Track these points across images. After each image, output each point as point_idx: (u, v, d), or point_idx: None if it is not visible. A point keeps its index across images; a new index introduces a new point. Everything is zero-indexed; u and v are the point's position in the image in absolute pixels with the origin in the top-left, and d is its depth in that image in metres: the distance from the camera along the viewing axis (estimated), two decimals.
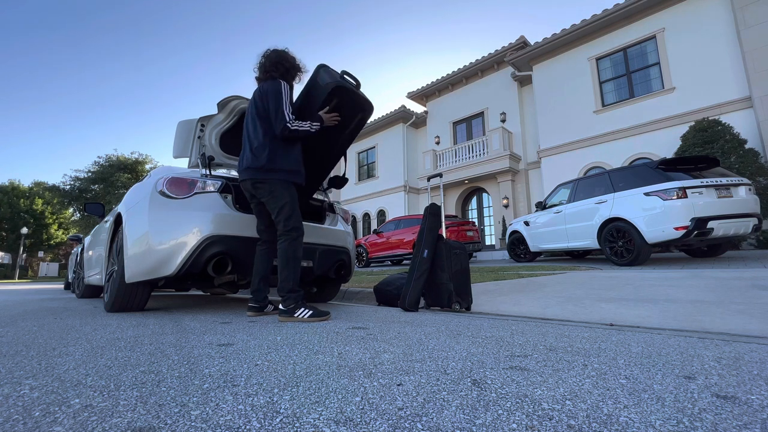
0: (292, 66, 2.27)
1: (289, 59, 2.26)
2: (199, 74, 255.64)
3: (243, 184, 2.22)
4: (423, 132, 16.31)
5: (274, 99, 2.10)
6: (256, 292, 2.28)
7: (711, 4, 8.64)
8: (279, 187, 2.11)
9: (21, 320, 2.29)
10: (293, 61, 2.28)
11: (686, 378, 0.92)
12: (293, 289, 2.08)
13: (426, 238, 2.55)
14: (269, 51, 2.27)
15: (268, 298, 2.36)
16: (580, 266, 5.20)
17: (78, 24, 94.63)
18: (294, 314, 2.02)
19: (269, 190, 2.12)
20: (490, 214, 13.64)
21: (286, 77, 2.24)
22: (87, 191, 22.98)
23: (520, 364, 1.07)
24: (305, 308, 2.04)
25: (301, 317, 2.01)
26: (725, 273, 3.26)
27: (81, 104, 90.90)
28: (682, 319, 1.82)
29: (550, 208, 6.61)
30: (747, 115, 7.96)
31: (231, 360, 1.17)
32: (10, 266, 27.56)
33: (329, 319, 2.05)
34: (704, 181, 4.68)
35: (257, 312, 2.27)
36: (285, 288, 2.07)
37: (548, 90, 11.22)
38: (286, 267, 2.08)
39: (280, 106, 2.08)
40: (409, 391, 0.86)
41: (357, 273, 6.53)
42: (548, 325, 1.78)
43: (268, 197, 2.13)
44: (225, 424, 0.69)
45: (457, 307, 2.43)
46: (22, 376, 1.02)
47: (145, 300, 2.63)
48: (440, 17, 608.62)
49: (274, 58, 2.23)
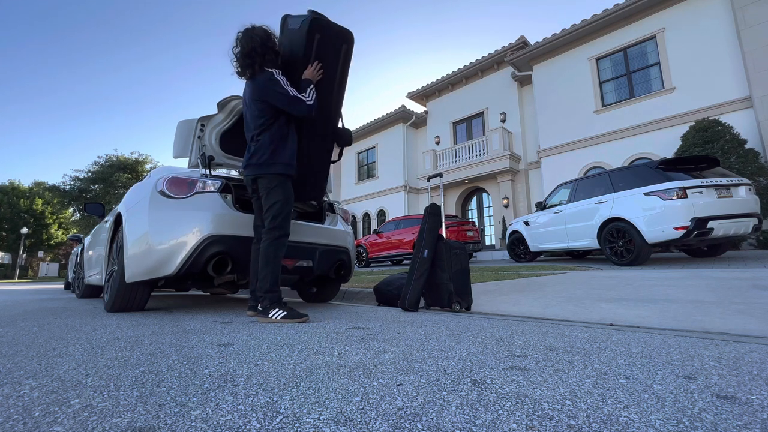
0: (265, 45, 2.09)
1: (258, 39, 2.07)
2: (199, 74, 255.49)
3: (246, 180, 2.24)
4: (423, 132, 16.31)
5: (274, 93, 2.04)
6: (255, 292, 2.25)
7: (711, 4, 8.64)
8: (276, 185, 2.10)
9: (21, 320, 2.29)
10: (265, 39, 2.10)
11: (686, 378, 0.92)
12: (270, 290, 2.04)
13: (426, 238, 2.55)
14: (239, 36, 2.11)
15: None
16: (580, 266, 5.19)
17: (78, 24, 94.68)
18: (268, 314, 2.00)
19: (266, 186, 2.11)
20: (490, 214, 13.64)
21: (267, 62, 2.10)
22: (87, 191, 22.99)
23: (520, 364, 1.07)
24: (280, 309, 2.01)
25: (274, 318, 1.98)
26: (725, 273, 3.26)
27: (81, 104, 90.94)
28: (682, 319, 1.82)
29: (550, 208, 6.61)
30: (747, 115, 7.96)
31: (231, 360, 1.17)
32: (10, 266, 27.56)
33: (305, 321, 2.00)
34: (704, 181, 4.68)
35: (258, 312, 2.26)
36: (262, 287, 2.05)
37: (548, 90, 11.22)
38: (266, 267, 2.05)
39: (287, 94, 2.04)
40: (409, 391, 0.86)
41: (357, 273, 6.53)
42: (548, 325, 1.78)
43: (264, 193, 2.13)
44: (225, 424, 0.69)
45: (457, 307, 2.43)
46: (22, 376, 1.02)
47: (145, 300, 2.63)
48: (440, 17, 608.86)
49: (246, 49, 2.08)
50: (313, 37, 2.12)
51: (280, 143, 2.13)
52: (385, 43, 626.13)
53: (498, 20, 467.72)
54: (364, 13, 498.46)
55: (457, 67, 14.86)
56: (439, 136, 15.00)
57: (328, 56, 2.22)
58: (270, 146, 2.10)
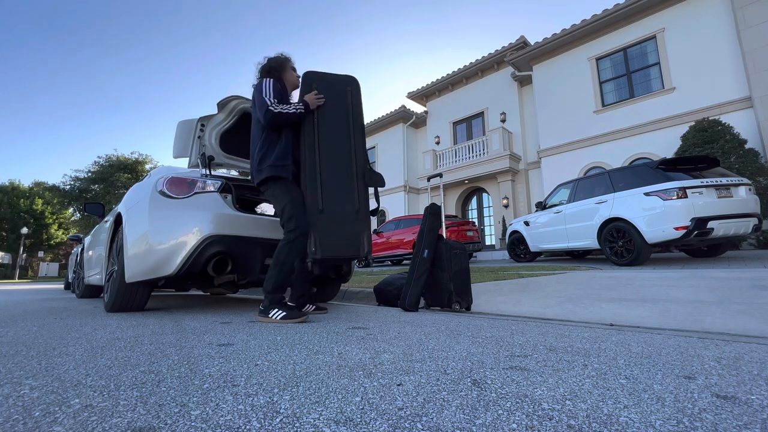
0: (275, 62, 2.31)
1: (272, 60, 2.33)
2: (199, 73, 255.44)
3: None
4: (423, 132, 16.31)
5: (257, 94, 2.15)
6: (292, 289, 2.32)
7: (711, 4, 8.64)
8: (275, 189, 2.13)
9: (21, 320, 2.29)
10: (278, 59, 2.33)
11: (686, 378, 0.92)
12: (273, 290, 2.06)
13: (426, 238, 2.55)
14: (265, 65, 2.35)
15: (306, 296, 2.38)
16: (580, 266, 5.19)
17: (78, 24, 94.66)
18: (268, 314, 2.02)
19: (269, 193, 2.15)
20: (490, 214, 13.64)
21: (271, 74, 2.29)
22: (87, 191, 22.97)
23: (520, 364, 1.07)
24: (279, 309, 2.02)
25: (274, 318, 2.00)
26: (725, 273, 3.26)
27: (81, 104, 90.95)
28: (682, 319, 1.82)
29: (550, 208, 6.61)
30: (747, 115, 7.96)
31: (231, 360, 1.17)
32: (10, 266, 27.55)
33: (305, 320, 2.02)
34: (704, 181, 4.67)
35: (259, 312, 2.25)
36: (267, 287, 2.06)
37: (548, 90, 11.22)
38: (274, 267, 2.06)
39: (261, 96, 2.11)
40: (409, 391, 0.86)
41: (357, 273, 6.53)
42: (548, 325, 1.78)
43: (272, 199, 2.15)
44: (225, 424, 0.69)
45: (457, 307, 2.43)
46: (22, 376, 1.02)
47: (145, 300, 2.63)
48: (440, 17, 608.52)
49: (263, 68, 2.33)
50: (311, 85, 2.24)
51: (270, 149, 2.15)
52: (385, 42, 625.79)
53: (498, 20, 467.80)
54: (364, 13, 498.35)
55: (457, 67, 14.87)
56: (439, 136, 15.00)
57: (333, 97, 2.27)
58: (259, 153, 2.14)
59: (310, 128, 2.20)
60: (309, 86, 2.25)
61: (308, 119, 2.21)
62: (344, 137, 2.26)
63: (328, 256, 2.10)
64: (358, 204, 2.20)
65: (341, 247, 2.14)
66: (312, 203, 2.13)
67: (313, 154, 2.18)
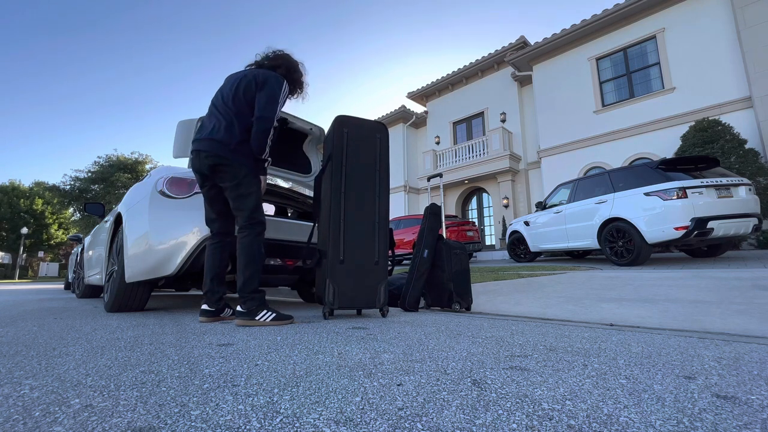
0: (297, 72, 2.19)
1: (299, 72, 2.20)
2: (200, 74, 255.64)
3: (198, 156, 1.94)
4: (423, 132, 16.31)
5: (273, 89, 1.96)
6: (209, 293, 2.03)
7: (711, 4, 8.64)
8: (250, 174, 1.93)
9: (21, 320, 2.29)
10: (301, 76, 2.21)
11: (686, 378, 0.92)
12: (258, 290, 1.89)
13: (426, 238, 2.55)
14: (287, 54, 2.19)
15: (224, 300, 2.14)
16: (580, 266, 5.20)
17: (78, 24, 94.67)
18: (256, 317, 1.85)
19: (234, 174, 1.90)
20: (490, 214, 13.64)
21: (287, 77, 2.14)
22: (87, 191, 22.99)
23: (520, 364, 1.07)
24: (268, 310, 1.88)
25: (263, 320, 1.84)
26: (725, 273, 3.26)
27: (81, 104, 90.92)
28: (682, 319, 1.82)
29: (550, 208, 6.61)
30: (747, 115, 7.96)
31: (231, 360, 1.17)
32: (10, 266, 27.55)
33: (292, 322, 1.92)
34: (704, 181, 4.68)
35: (212, 317, 2.03)
36: (248, 288, 1.87)
37: (548, 90, 11.22)
38: (250, 265, 1.88)
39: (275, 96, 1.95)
40: (409, 391, 0.86)
41: None
42: (548, 325, 1.78)
43: (231, 182, 1.91)
44: (225, 424, 0.69)
45: (457, 307, 2.43)
46: (22, 376, 1.02)
47: (145, 300, 2.63)
48: (440, 17, 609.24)
49: (289, 65, 2.16)
50: (342, 130, 2.17)
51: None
52: (386, 42, 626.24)
53: (498, 20, 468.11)
54: (364, 13, 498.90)
55: (457, 67, 14.86)
56: (439, 136, 15.00)
57: (362, 143, 2.21)
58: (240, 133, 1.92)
59: (338, 172, 2.11)
60: (340, 131, 2.16)
61: (337, 162, 2.11)
62: (371, 184, 2.20)
63: (344, 306, 2.06)
64: (377, 255, 2.15)
65: (358, 300, 2.09)
66: (334, 253, 2.03)
67: (339, 199, 2.09)
